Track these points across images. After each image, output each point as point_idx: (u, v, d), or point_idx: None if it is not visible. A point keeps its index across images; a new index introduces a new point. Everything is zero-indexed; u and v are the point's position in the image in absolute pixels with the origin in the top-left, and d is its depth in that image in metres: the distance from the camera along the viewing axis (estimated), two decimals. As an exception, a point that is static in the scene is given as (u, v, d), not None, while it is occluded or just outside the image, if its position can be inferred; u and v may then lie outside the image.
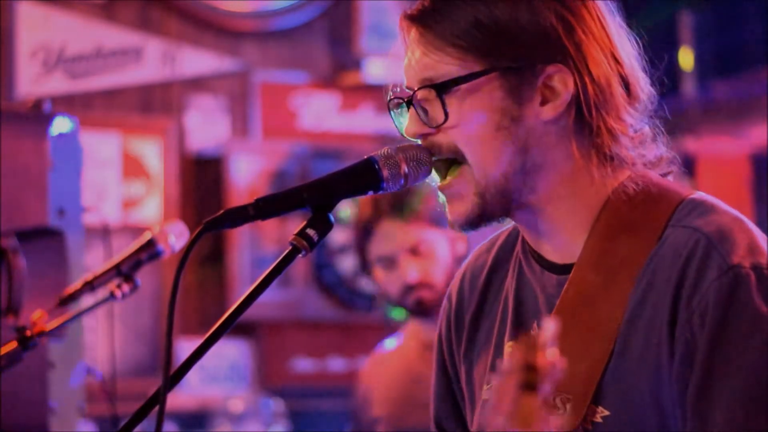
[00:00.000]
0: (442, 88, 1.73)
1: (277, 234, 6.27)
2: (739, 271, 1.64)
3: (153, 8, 6.27)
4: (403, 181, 1.77)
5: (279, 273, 1.72)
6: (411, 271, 3.27)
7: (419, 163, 1.78)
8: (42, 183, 2.83)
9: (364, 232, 3.35)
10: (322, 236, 1.74)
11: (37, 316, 2.47)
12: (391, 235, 3.31)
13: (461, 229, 1.79)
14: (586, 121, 1.74)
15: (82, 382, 2.98)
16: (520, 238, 1.89)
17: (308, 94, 6.55)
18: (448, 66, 1.74)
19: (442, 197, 1.81)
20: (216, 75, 6.39)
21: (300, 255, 1.73)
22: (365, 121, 6.63)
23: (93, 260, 4.21)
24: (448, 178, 1.78)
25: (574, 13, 1.75)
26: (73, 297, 2.56)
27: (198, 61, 6.34)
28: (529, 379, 1.30)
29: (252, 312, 1.78)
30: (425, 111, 1.77)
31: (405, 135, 1.81)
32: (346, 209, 3.45)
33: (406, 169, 1.76)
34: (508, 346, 1.84)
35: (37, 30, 6.02)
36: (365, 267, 3.43)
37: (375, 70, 6.47)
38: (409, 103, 1.78)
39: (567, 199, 1.77)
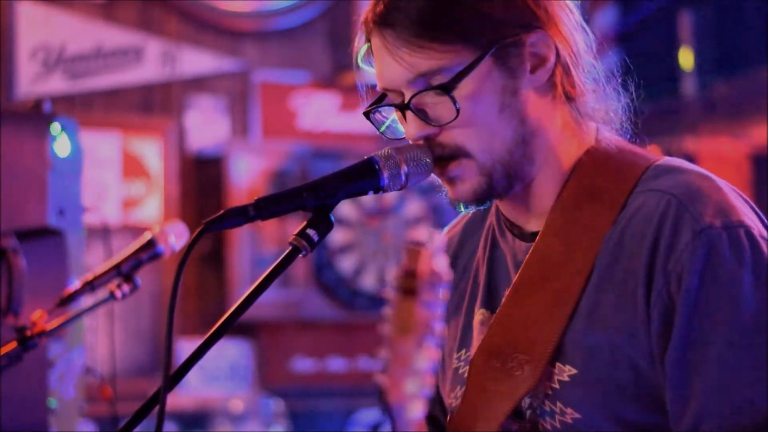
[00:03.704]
0: (450, 87, 1.73)
1: (277, 234, 6.27)
2: (711, 232, 1.66)
3: (153, 8, 6.27)
4: (403, 181, 1.78)
5: (279, 273, 1.72)
6: None
7: (419, 163, 1.78)
8: (42, 183, 2.84)
9: None
10: (323, 236, 1.74)
11: (37, 316, 2.47)
12: None
13: (466, 207, 1.80)
14: (566, 79, 1.78)
15: (81, 382, 2.98)
16: (492, 210, 1.91)
17: (308, 94, 6.55)
18: (438, 61, 1.73)
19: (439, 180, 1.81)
20: (216, 75, 6.39)
21: (300, 255, 1.73)
22: (365, 121, 6.61)
23: (93, 260, 4.21)
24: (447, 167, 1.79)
25: None
26: (73, 297, 2.56)
27: (198, 61, 6.34)
28: (407, 284, 1.33)
29: (252, 312, 1.78)
30: (424, 112, 1.77)
31: (389, 137, 1.82)
32: None
33: (407, 169, 1.77)
34: (479, 314, 1.87)
35: (37, 30, 6.02)
36: None
37: (375, 70, 6.47)
38: (405, 106, 1.78)
39: (551, 165, 1.80)
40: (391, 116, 1.86)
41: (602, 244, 1.72)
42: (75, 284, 2.59)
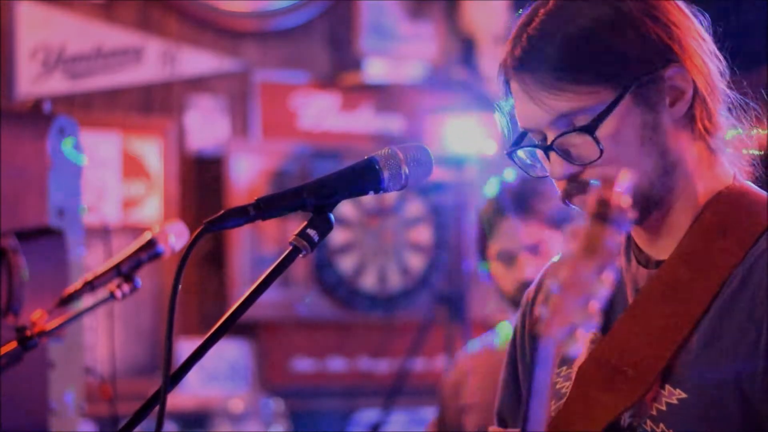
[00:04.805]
0: (593, 128, 1.74)
1: (277, 234, 6.27)
2: None
3: (153, 8, 6.27)
4: (403, 181, 1.78)
5: (279, 273, 1.73)
6: (529, 269, 3.33)
7: (419, 163, 1.79)
8: (42, 183, 2.84)
9: (488, 227, 3.44)
10: (323, 236, 1.75)
11: (37, 316, 2.47)
12: (513, 233, 3.37)
13: None
14: (704, 112, 1.81)
15: (82, 382, 2.98)
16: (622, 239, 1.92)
17: (308, 94, 6.55)
18: (578, 102, 1.75)
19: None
20: (216, 75, 6.38)
21: (300, 255, 1.73)
22: (365, 121, 6.63)
23: (93, 260, 4.21)
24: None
25: (660, 10, 1.79)
26: (73, 297, 2.56)
27: (198, 61, 6.34)
28: (602, 210, 1.38)
29: (252, 312, 1.78)
30: (567, 152, 1.78)
31: (533, 175, 1.85)
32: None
33: (407, 170, 1.77)
34: (589, 333, 1.87)
35: (37, 30, 6.02)
36: (482, 261, 3.51)
37: (375, 70, 6.46)
38: (548, 147, 1.79)
39: (687, 196, 1.82)
40: (530, 155, 1.87)
41: (729, 275, 1.74)
42: (75, 284, 2.60)
